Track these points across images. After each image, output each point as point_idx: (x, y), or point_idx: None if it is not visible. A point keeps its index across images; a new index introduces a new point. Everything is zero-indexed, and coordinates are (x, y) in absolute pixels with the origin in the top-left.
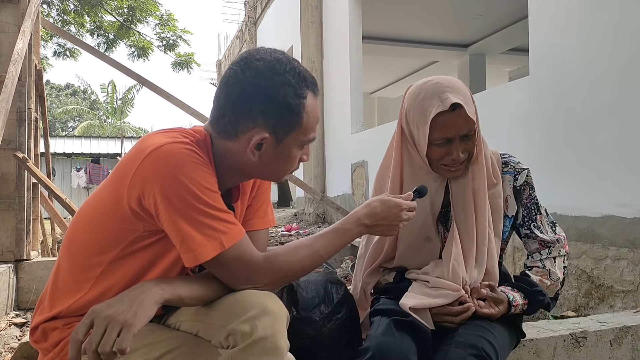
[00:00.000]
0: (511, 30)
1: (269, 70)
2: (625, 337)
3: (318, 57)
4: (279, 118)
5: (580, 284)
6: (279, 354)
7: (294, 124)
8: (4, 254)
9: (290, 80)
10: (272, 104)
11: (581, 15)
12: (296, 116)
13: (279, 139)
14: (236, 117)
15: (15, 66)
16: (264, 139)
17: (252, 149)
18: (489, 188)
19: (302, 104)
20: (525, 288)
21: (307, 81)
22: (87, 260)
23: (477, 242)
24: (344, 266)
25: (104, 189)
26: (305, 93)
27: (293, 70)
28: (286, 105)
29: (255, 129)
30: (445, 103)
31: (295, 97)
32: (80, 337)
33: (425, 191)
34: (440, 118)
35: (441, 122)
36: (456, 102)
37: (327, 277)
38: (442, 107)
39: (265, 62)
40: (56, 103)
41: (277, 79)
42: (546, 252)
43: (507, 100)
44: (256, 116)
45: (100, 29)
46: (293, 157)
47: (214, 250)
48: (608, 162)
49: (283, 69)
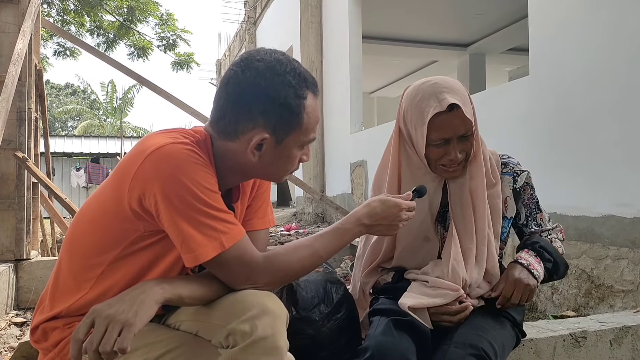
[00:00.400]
0: (511, 29)
1: (270, 71)
2: (626, 337)
3: (318, 56)
4: (279, 118)
5: (580, 283)
6: (279, 354)
7: (294, 125)
8: (4, 254)
9: (291, 80)
10: (273, 104)
11: (581, 14)
12: (296, 117)
13: (279, 139)
14: (236, 117)
15: (16, 66)
16: (264, 139)
17: (252, 150)
18: (487, 188)
19: (302, 105)
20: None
21: (307, 82)
22: (87, 260)
23: (476, 242)
24: (343, 266)
25: (104, 189)
26: (306, 94)
27: (293, 71)
28: (286, 105)
29: (255, 130)
30: (442, 104)
31: (296, 98)
32: (81, 336)
33: (425, 191)
34: (437, 119)
35: (438, 122)
36: (453, 102)
37: (327, 276)
38: (440, 107)
39: (265, 63)
40: (56, 103)
41: (278, 79)
42: (545, 235)
43: (507, 100)
44: (256, 117)
45: (100, 28)
46: (293, 157)
47: (214, 250)
48: (608, 162)
49: (283, 69)
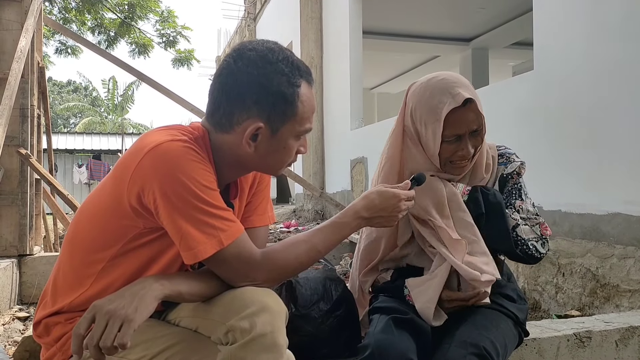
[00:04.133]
0: (515, 23)
1: (262, 60)
2: (632, 337)
3: (318, 52)
4: (273, 107)
5: (585, 282)
6: (278, 351)
7: (288, 114)
8: (8, 249)
9: (284, 69)
10: (266, 93)
11: (586, 8)
12: (291, 105)
13: (274, 129)
14: (230, 108)
15: (18, 63)
16: (259, 128)
17: (248, 140)
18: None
19: (296, 93)
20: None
21: (300, 70)
22: (88, 256)
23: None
24: (342, 263)
25: (104, 186)
26: (300, 82)
27: (286, 60)
28: (280, 94)
29: (249, 120)
30: (457, 99)
31: (289, 86)
32: (82, 331)
33: (424, 178)
34: (452, 115)
35: (453, 118)
36: (468, 97)
37: (326, 274)
38: (455, 103)
39: (257, 52)
40: (58, 100)
41: (270, 67)
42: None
43: (510, 95)
44: (250, 106)
45: (101, 26)
46: (290, 148)
47: (213, 247)
48: (614, 159)
49: (276, 58)
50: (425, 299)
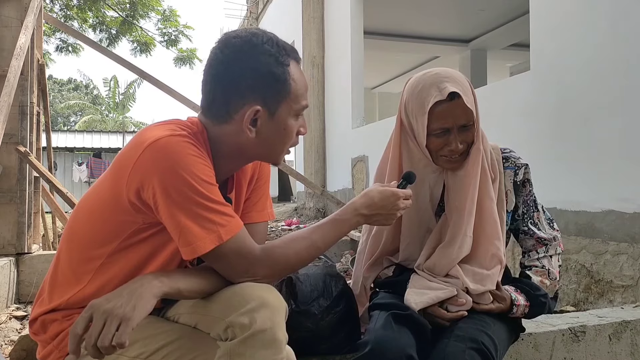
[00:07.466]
0: (513, 25)
1: (247, 44)
2: (624, 331)
3: (319, 52)
4: (267, 89)
5: (580, 278)
6: (278, 347)
7: (283, 93)
8: (5, 247)
9: (270, 49)
10: (257, 75)
11: (582, 9)
12: (283, 84)
13: (271, 110)
14: (226, 97)
15: (18, 60)
16: (257, 112)
17: (248, 126)
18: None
19: (286, 72)
20: (528, 291)
21: (287, 49)
22: (86, 252)
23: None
24: (343, 260)
25: (103, 181)
26: (288, 60)
27: (270, 41)
28: (271, 74)
29: (246, 105)
30: (443, 92)
31: (279, 66)
32: (80, 331)
33: (414, 177)
34: (438, 108)
35: (439, 111)
36: (454, 91)
37: (326, 270)
38: (440, 96)
39: (242, 39)
40: (58, 98)
41: (257, 50)
42: (543, 251)
43: (508, 95)
44: (245, 92)
45: (103, 24)
46: (290, 129)
47: (212, 243)
48: (609, 157)
49: (260, 40)
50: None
